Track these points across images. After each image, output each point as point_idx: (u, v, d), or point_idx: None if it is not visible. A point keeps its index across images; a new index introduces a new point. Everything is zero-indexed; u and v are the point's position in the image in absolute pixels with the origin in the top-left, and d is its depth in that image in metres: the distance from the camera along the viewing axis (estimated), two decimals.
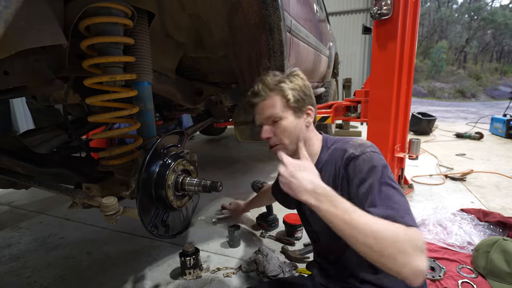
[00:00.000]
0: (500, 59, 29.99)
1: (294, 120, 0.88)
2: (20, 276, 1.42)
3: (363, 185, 0.72)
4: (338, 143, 0.87)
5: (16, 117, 3.93)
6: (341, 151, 0.82)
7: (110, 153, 0.97)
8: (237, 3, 1.17)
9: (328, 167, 0.85)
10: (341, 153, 0.82)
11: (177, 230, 1.09)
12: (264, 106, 0.88)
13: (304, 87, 0.89)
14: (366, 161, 0.74)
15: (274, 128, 0.88)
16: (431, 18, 31.69)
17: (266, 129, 0.89)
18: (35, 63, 0.92)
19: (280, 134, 0.87)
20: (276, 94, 0.87)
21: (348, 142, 0.84)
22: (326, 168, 0.85)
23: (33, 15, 0.66)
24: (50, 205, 2.33)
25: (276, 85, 0.87)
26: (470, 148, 4.02)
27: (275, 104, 0.86)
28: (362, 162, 0.75)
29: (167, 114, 2.91)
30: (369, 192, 0.71)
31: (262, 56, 1.26)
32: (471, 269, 1.30)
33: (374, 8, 1.94)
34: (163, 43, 1.29)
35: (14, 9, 0.45)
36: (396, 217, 0.64)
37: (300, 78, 0.90)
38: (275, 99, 0.86)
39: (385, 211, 0.66)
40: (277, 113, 0.86)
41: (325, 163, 0.87)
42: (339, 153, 0.82)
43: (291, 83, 0.88)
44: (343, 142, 0.86)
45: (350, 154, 0.78)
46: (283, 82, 0.87)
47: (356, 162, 0.75)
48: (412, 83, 2.16)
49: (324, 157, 0.89)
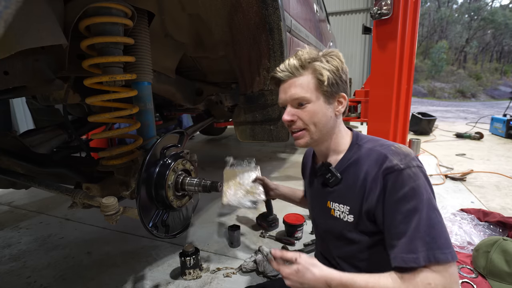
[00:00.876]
0: (500, 59, 30.00)
1: (325, 106, 0.78)
2: (20, 276, 1.42)
3: (405, 205, 0.66)
4: (375, 144, 0.78)
5: (16, 117, 3.93)
6: (379, 155, 0.73)
7: (110, 153, 0.97)
8: (237, 3, 1.17)
9: (357, 168, 0.77)
10: (379, 158, 0.72)
11: (177, 230, 1.09)
12: (293, 84, 0.77)
13: (342, 71, 0.78)
14: (412, 178, 0.67)
15: (300, 111, 0.77)
16: (431, 18, 31.69)
17: (291, 111, 0.79)
18: (35, 63, 0.92)
19: (306, 119, 0.77)
20: (309, 73, 0.76)
21: (389, 146, 0.74)
22: (355, 168, 0.77)
23: (33, 15, 0.66)
24: (50, 205, 2.33)
25: (310, 62, 0.76)
26: (470, 148, 4.02)
27: (306, 84, 0.76)
28: (406, 178, 0.67)
29: (167, 114, 2.91)
30: (412, 215, 0.65)
31: (262, 56, 1.26)
32: (471, 269, 1.30)
33: (374, 8, 1.94)
34: (163, 43, 1.29)
35: (14, 9, 0.45)
36: (437, 254, 0.62)
37: (339, 60, 0.78)
38: (307, 79, 0.76)
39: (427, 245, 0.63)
40: (307, 94, 0.76)
41: (353, 162, 0.79)
42: (376, 156, 0.73)
43: (327, 63, 0.76)
44: (382, 145, 0.76)
45: (394, 165, 0.69)
46: (318, 60, 0.76)
47: (400, 177, 0.67)
48: (412, 83, 2.16)
49: (353, 155, 0.80)
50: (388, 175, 0.69)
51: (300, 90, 0.76)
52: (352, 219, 0.77)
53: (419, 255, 0.62)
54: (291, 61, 0.78)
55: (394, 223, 0.67)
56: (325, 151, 0.86)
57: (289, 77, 0.78)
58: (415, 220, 0.64)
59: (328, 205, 0.84)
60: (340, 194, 0.81)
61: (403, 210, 0.66)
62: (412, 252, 0.63)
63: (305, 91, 0.76)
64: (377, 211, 0.71)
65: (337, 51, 0.80)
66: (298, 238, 1.65)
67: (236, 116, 1.47)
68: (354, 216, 0.77)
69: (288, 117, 0.79)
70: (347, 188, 0.79)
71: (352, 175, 0.78)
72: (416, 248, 0.63)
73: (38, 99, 1.47)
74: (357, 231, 0.77)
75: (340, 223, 0.81)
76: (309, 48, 0.80)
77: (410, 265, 0.63)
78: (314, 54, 0.78)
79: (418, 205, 0.65)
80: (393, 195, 0.68)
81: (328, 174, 0.82)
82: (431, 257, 0.62)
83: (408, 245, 0.64)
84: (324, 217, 0.87)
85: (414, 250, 0.63)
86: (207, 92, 1.92)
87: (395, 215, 0.67)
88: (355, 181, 0.76)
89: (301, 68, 0.76)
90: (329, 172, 0.82)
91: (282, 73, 0.79)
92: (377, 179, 0.71)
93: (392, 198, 0.68)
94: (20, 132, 1.48)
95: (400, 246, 0.65)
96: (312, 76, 0.76)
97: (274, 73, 0.81)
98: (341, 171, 0.81)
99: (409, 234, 0.64)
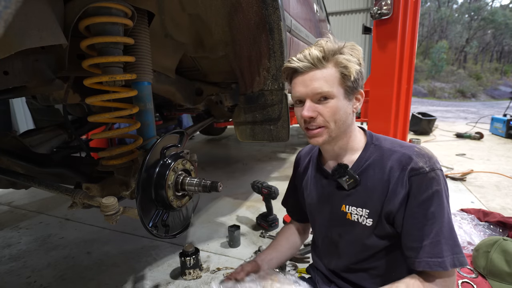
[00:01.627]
0: (500, 59, 29.99)
1: (345, 103, 0.72)
2: (20, 276, 1.42)
3: (429, 208, 0.66)
4: (394, 145, 0.75)
5: (16, 117, 3.93)
6: (401, 156, 0.71)
7: (110, 153, 0.97)
8: (237, 3, 1.17)
9: (377, 169, 0.73)
10: (402, 159, 0.70)
11: (177, 230, 1.09)
12: (315, 77, 0.70)
13: (362, 66, 0.73)
14: (436, 181, 0.66)
15: (322, 107, 0.71)
16: (431, 18, 31.69)
17: (311, 106, 0.71)
18: (35, 63, 0.92)
19: (328, 115, 0.71)
20: (332, 65, 0.70)
21: (411, 147, 0.72)
22: (375, 169, 0.74)
23: (33, 15, 0.66)
24: (50, 205, 2.34)
25: (334, 54, 0.70)
26: (470, 148, 4.02)
27: (331, 77, 0.69)
28: (431, 181, 0.66)
29: (167, 114, 2.91)
30: (435, 219, 0.65)
31: (262, 56, 1.26)
32: (471, 269, 1.30)
33: (374, 8, 1.94)
34: (163, 43, 1.29)
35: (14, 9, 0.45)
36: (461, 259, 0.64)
37: (359, 51, 0.73)
38: (331, 71, 0.69)
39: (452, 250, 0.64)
40: (332, 89, 0.69)
41: (372, 163, 0.75)
42: (399, 157, 0.71)
43: (352, 56, 0.70)
44: (402, 146, 0.74)
45: (420, 167, 0.67)
46: (342, 53, 0.70)
47: (425, 179, 0.66)
48: (412, 83, 2.16)
49: (370, 155, 0.76)
50: (413, 177, 0.67)
51: (325, 83, 0.69)
52: (371, 223, 0.73)
53: (445, 259, 0.63)
54: (312, 51, 0.70)
55: (416, 226, 0.66)
56: (338, 151, 0.80)
57: (310, 68, 0.70)
58: (438, 223, 0.65)
59: (343, 209, 0.79)
60: (358, 197, 0.76)
61: (426, 213, 0.66)
62: (437, 257, 0.63)
63: (329, 85, 0.69)
64: (398, 213, 0.69)
65: (356, 44, 0.74)
66: None
67: (236, 116, 1.47)
68: (373, 219, 0.73)
69: (309, 113, 0.71)
70: (366, 191, 0.74)
71: (371, 177, 0.74)
72: (442, 252, 0.63)
73: (38, 99, 1.47)
74: (375, 235, 0.74)
75: (357, 228, 0.77)
76: (328, 37, 0.74)
77: (435, 269, 0.63)
78: (337, 45, 0.71)
79: (441, 209, 0.65)
80: (417, 197, 0.66)
81: (346, 176, 0.76)
82: (456, 262, 0.63)
83: (433, 249, 0.64)
84: (337, 222, 0.82)
85: (439, 254, 0.63)
86: (207, 92, 1.92)
87: (418, 217, 0.66)
88: (375, 183, 0.73)
89: (324, 60, 0.69)
90: (346, 174, 0.76)
91: (301, 63, 0.70)
92: (402, 180, 0.68)
93: (416, 200, 0.67)
94: (20, 132, 1.48)
95: (424, 249, 0.65)
96: (336, 70, 0.70)
97: (290, 63, 0.73)
98: (359, 173, 0.76)
99: (433, 236, 0.64)
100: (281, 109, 1.30)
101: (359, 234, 0.77)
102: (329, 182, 0.83)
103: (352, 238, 0.79)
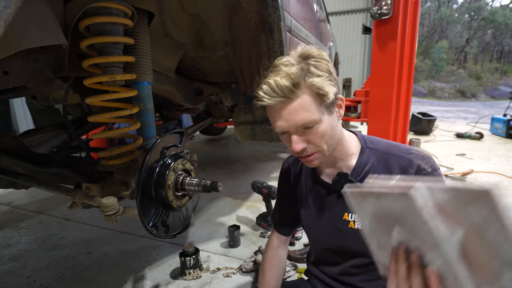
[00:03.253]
0: (500, 59, 30.01)
1: (330, 120, 0.69)
2: (20, 276, 1.42)
3: None
4: (390, 148, 0.75)
5: (16, 117, 3.93)
6: (401, 159, 0.70)
7: (110, 153, 0.97)
8: (237, 3, 1.17)
9: (377, 174, 0.72)
10: (402, 162, 0.70)
11: (177, 230, 1.09)
12: (292, 109, 0.64)
13: (333, 72, 0.68)
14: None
15: (307, 135, 0.67)
16: (431, 18, 31.70)
17: (298, 139, 0.67)
18: (35, 63, 0.92)
19: (318, 141, 0.68)
20: (307, 92, 0.64)
21: (409, 150, 0.72)
22: (374, 174, 0.73)
23: (33, 15, 0.66)
24: (50, 205, 2.34)
25: (305, 79, 0.63)
26: (470, 148, 4.02)
27: (308, 106, 0.64)
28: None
29: (167, 114, 2.91)
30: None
31: (262, 56, 1.26)
32: None
33: (374, 8, 1.94)
34: (163, 43, 1.29)
35: (14, 9, 0.45)
36: None
37: (326, 61, 0.66)
38: (306, 100, 0.64)
39: None
40: (313, 117, 0.64)
41: (371, 168, 0.74)
42: (399, 161, 0.71)
43: (320, 71, 0.64)
44: (399, 149, 0.73)
45: (422, 169, 0.67)
46: (310, 73, 0.64)
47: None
48: (412, 83, 2.16)
49: (367, 160, 0.75)
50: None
51: (305, 113, 0.64)
52: None
53: None
54: (279, 82, 0.63)
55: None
56: (333, 159, 0.78)
57: (284, 102, 0.64)
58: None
59: (346, 218, 0.76)
60: None
61: None
62: None
63: (311, 113, 0.64)
64: None
65: (318, 50, 0.67)
66: (298, 238, 1.65)
67: (236, 116, 1.47)
68: None
69: (299, 146, 0.67)
70: None
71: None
72: None
73: (38, 99, 1.47)
74: None
75: (361, 235, 0.76)
76: (284, 57, 0.68)
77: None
78: (300, 65, 0.64)
79: None
80: None
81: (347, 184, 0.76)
82: None
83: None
84: (339, 232, 0.79)
85: None
86: (207, 92, 1.92)
87: None
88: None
89: (296, 88, 0.63)
90: (347, 182, 0.74)
91: (273, 99, 0.64)
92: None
93: None
94: (20, 132, 1.48)
95: None
96: (311, 94, 0.64)
97: (259, 100, 0.66)
98: (359, 179, 0.74)
99: None
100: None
101: (364, 241, 0.76)
102: (328, 192, 0.81)
103: (356, 246, 0.76)
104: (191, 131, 2.00)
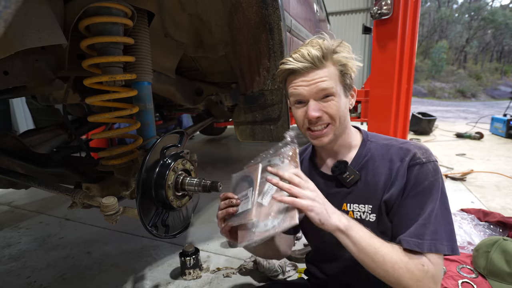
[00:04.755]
0: (500, 59, 30.01)
1: (345, 100, 0.75)
2: (20, 276, 1.42)
3: (423, 197, 0.68)
4: (389, 140, 0.78)
5: (16, 117, 3.93)
6: (399, 149, 0.74)
7: (110, 153, 0.97)
8: (237, 3, 1.17)
9: (376, 164, 0.75)
10: (400, 151, 0.73)
11: (177, 230, 1.09)
12: (317, 76, 0.70)
13: (355, 60, 0.75)
14: (432, 173, 0.68)
15: (326, 105, 0.72)
16: (431, 18, 31.70)
17: (315, 106, 0.72)
18: (35, 63, 0.92)
19: (334, 112, 0.72)
20: (331, 64, 0.71)
21: (407, 141, 0.76)
22: (374, 164, 0.75)
23: (33, 15, 0.66)
24: (50, 205, 2.34)
25: (332, 53, 0.71)
26: (470, 148, 4.02)
27: (333, 76, 0.71)
28: (428, 172, 0.68)
29: (167, 114, 2.91)
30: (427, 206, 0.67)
31: (262, 56, 1.26)
32: (471, 269, 1.30)
33: (374, 8, 1.94)
34: (163, 43, 1.29)
35: (14, 9, 0.45)
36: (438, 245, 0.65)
37: (350, 50, 0.74)
38: (331, 70, 0.71)
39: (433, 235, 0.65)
40: (336, 87, 0.71)
41: (371, 158, 0.77)
42: (397, 151, 0.74)
43: (347, 53, 0.72)
44: (398, 140, 0.77)
45: (418, 157, 0.70)
46: (340, 51, 0.72)
47: (422, 169, 0.69)
48: (412, 83, 2.16)
49: (367, 152, 0.78)
50: (412, 167, 0.70)
51: (329, 81, 0.70)
52: (374, 218, 0.74)
53: (424, 242, 0.64)
54: (311, 50, 0.70)
55: (409, 214, 0.68)
56: (337, 149, 0.81)
57: (311, 68, 0.71)
58: (428, 210, 0.66)
59: (344, 208, 0.78)
60: (360, 193, 0.76)
61: (420, 201, 0.68)
62: (418, 237, 0.65)
63: (333, 83, 0.71)
64: (395, 203, 0.71)
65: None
66: (298, 238, 1.65)
67: (236, 116, 1.47)
68: (376, 214, 0.74)
69: (316, 112, 0.71)
70: (367, 186, 0.75)
71: (371, 172, 0.75)
72: (423, 235, 0.65)
73: (38, 99, 1.47)
74: (378, 231, 0.73)
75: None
76: (321, 36, 0.74)
77: (413, 248, 0.65)
78: (332, 43, 0.72)
79: (434, 198, 0.67)
80: (413, 186, 0.69)
81: (346, 173, 0.76)
82: (433, 247, 0.64)
83: (416, 230, 0.66)
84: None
85: (420, 236, 0.65)
86: (207, 92, 1.92)
87: (412, 205, 0.68)
88: (376, 178, 0.74)
89: (324, 59, 0.70)
90: (347, 170, 0.76)
91: (300, 64, 0.70)
92: (402, 171, 0.70)
93: (412, 189, 0.69)
94: (20, 132, 1.48)
95: (410, 230, 0.67)
96: (335, 68, 0.71)
97: (287, 64, 0.73)
98: (358, 168, 0.77)
99: (420, 220, 0.66)
100: (281, 109, 1.30)
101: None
102: (326, 183, 0.82)
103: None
104: (191, 131, 2.00)
